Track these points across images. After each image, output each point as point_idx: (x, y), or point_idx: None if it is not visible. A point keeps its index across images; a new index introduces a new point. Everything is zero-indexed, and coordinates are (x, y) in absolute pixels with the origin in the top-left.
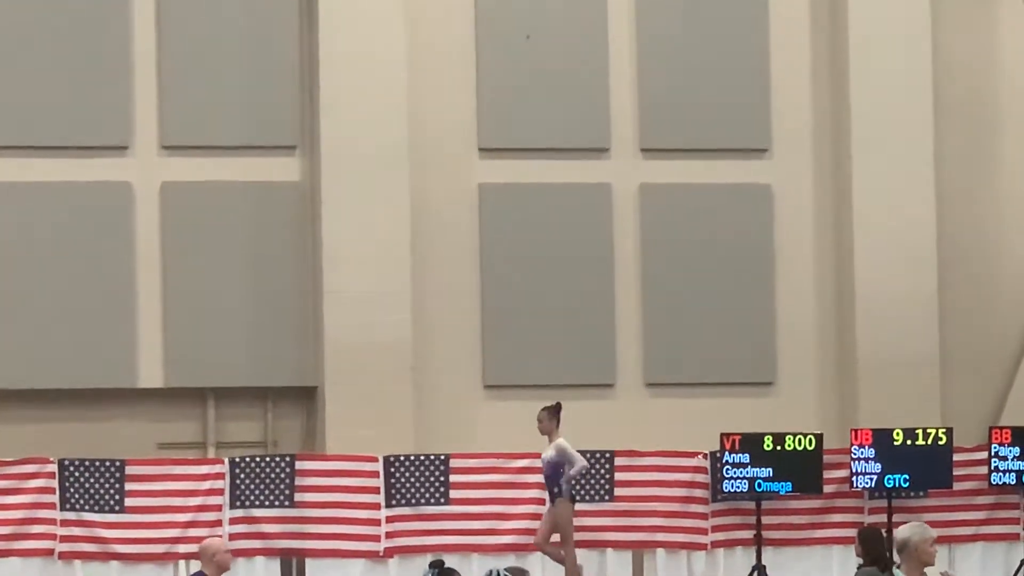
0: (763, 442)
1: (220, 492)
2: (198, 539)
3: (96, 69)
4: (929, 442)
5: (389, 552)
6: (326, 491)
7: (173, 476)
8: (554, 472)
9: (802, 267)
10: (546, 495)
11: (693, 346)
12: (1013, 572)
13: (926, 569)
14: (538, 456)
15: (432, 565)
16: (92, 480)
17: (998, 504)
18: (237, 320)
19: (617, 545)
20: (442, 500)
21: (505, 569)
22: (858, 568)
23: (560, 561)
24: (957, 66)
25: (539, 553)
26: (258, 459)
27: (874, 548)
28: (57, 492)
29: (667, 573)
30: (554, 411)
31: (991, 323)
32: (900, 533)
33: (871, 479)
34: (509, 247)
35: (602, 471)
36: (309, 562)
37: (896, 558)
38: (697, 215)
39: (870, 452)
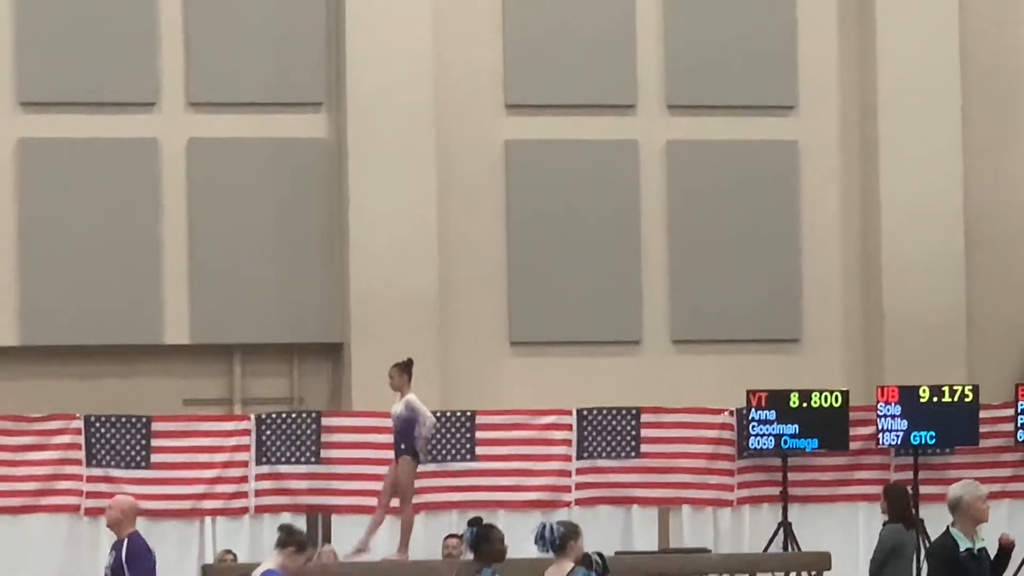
0: (789, 399)
1: (246, 449)
2: (224, 495)
3: (123, 25)
4: (955, 399)
5: (415, 509)
6: (352, 447)
7: (199, 432)
8: (404, 428)
9: (829, 224)
10: (571, 451)
11: (720, 303)
12: None
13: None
14: (567, 412)
15: (471, 523)
16: (118, 436)
17: None
18: (263, 276)
19: (643, 502)
20: (468, 456)
21: (558, 523)
22: (884, 525)
23: (375, 527)
24: (984, 24)
25: (568, 509)
26: (284, 415)
27: (900, 505)
28: (83, 448)
29: (693, 530)
30: (404, 367)
31: (1018, 280)
32: (952, 492)
33: (897, 436)
34: (535, 203)
35: (628, 428)
36: (335, 518)
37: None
38: (724, 172)
39: (896, 409)
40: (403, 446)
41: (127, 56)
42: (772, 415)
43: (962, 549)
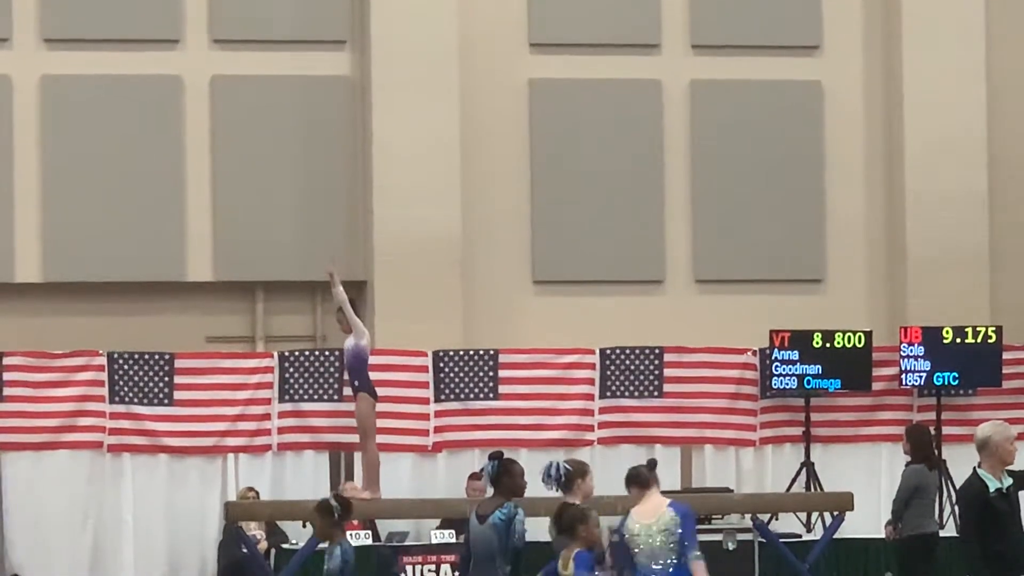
0: (812, 339)
1: (269, 386)
2: (247, 433)
3: None
4: (979, 340)
5: (437, 447)
6: (375, 385)
7: (222, 370)
8: (355, 362)
9: (852, 164)
10: (594, 390)
11: (743, 243)
12: None
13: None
14: (590, 352)
15: (492, 456)
16: (141, 373)
17: None
18: (286, 214)
19: (666, 441)
20: (490, 395)
21: (564, 462)
22: (906, 465)
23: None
24: None
25: (591, 448)
26: (307, 353)
27: (922, 445)
28: (106, 385)
29: (715, 469)
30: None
31: None
32: (981, 431)
33: (920, 377)
34: (559, 143)
35: (651, 367)
36: (357, 456)
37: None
38: (747, 112)
39: (919, 350)
40: (357, 383)
41: None
42: (795, 355)
43: (991, 490)
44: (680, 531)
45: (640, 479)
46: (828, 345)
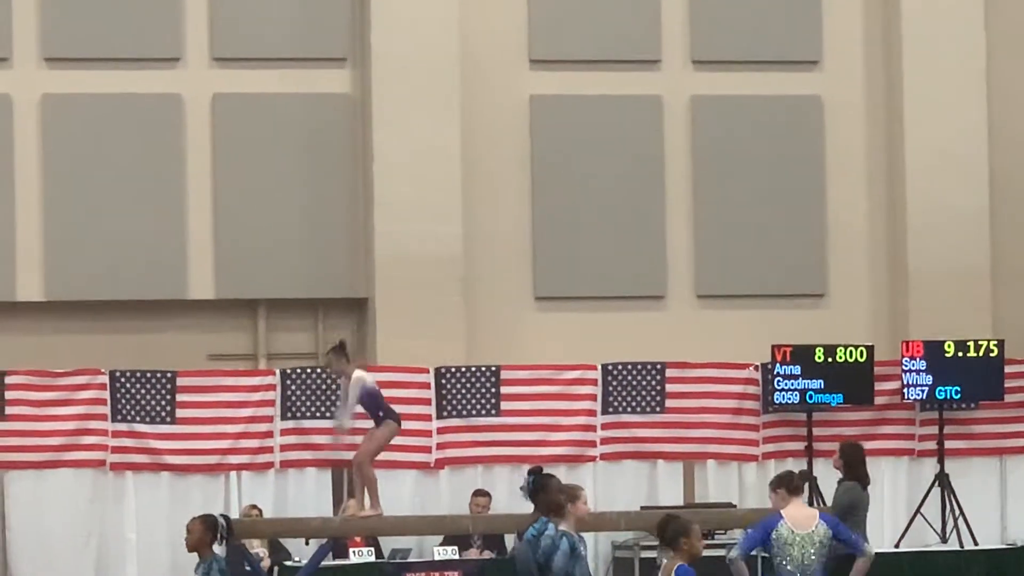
0: (814, 354)
1: (271, 403)
2: (249, 451)
3: None
4: (980, 354)
5: (440, 463)
6: None
7: (224, 387)
8: (370, 402)
9: (853, 178)
10: (596, 406)
11: (744, 258)
12: None
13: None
14: (592, 367)
15: (530, 472)
16: (143, 391)
17: None
18: (288, 231)
19: (668, 456)
20: (492, 412)
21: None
22: (839, 482)
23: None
24: None
25: (593, 464)
26: (309, 370)
27: (856, 463)
28: (108, 403)
29: (718, 484)
30: (339, 350)
31: None
32: None
33: (922, 391)
34: (560, 159)
35: (653, 383)
36: None
37: None
38: (748, 127)
39: (921, 364)
40: (380, 413)
41: (151, 11)
42: (797, 370)
43: None
44: (836, 540)
45: (792, 484)
46: (830, 360)
